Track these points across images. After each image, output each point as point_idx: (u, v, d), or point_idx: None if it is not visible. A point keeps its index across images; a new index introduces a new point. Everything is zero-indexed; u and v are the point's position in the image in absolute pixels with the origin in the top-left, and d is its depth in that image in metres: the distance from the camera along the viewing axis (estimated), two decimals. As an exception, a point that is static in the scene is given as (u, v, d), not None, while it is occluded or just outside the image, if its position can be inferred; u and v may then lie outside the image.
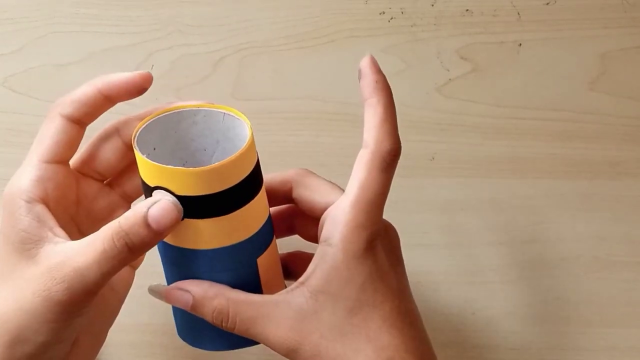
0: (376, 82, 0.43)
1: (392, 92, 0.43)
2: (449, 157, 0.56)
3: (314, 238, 0.46)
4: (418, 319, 0.44)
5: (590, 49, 0.55)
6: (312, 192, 0.45)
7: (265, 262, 0.45)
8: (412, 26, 0.55)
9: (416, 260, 0.56)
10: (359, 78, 0.44)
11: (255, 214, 0.44)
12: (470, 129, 0.56)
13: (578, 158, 0.56)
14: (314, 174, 0.46)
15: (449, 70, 0.55)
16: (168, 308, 0.57)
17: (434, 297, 0.55)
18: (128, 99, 0.44)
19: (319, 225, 0.44)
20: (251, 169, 0.42)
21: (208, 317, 0.43)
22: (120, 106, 0.45)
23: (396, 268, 0.44)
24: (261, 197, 0.43)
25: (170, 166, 0.40)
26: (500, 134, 0.56)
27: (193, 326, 0.46)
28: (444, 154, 0.56)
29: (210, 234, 0.42)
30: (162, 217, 0.40)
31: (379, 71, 0.43)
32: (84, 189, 0.46)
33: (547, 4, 0.54)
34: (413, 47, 0.55)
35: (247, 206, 0.42)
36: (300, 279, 0.42)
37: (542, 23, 0.54)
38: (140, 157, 0.41)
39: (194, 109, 0.44)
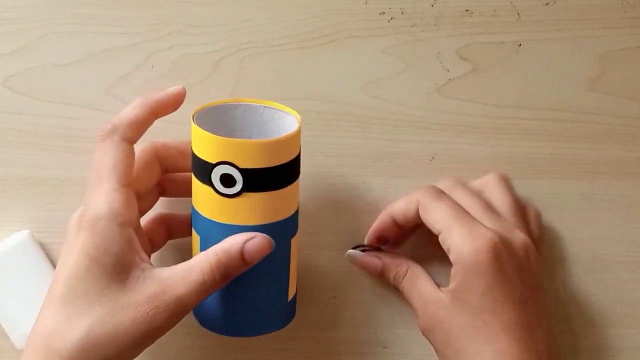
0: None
1: (392, 92, 0.44)
2: (449, 157, 0.56)
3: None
4: (543, 332, 0.48)
5: (590, 49, 0.55)
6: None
7: (295, 244, 0.50)
8: (412, 26, 0.55)
9: (416, 260, 0.56)
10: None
11: (296, 193, 0.49)
12: (470, 129, 0.56)
13: (578, 158, 0.56)
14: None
15: (448, 71, 0.55)
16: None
17: (434, 297, 0.55)
18: (167, 114, 0.49)
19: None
20: (299, 148, 0.48)
21: (391, 278, 0.53)
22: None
23: (523, 281, 0.48)
24: (296, 186, 0.48)
25: (239, 139, 0.45)
26: (500, 134, 0.56)
27: (222, 314, 0.49)
28: (444, 154, 0.56)
29: (264, 209, 0.46)
30: (257, 253, 0.45)
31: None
32: None
33: (547, 4, 0.54)
34: (413, 47, 0.55)
35: (294, 184, 0.48)
36: (452, 284, 0.49)
37: (542, 23, 0.54)
38: (205, 134, 0.45)
39: (234, 103, 0.50)
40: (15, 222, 0.57)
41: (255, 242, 0.45)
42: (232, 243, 0.45)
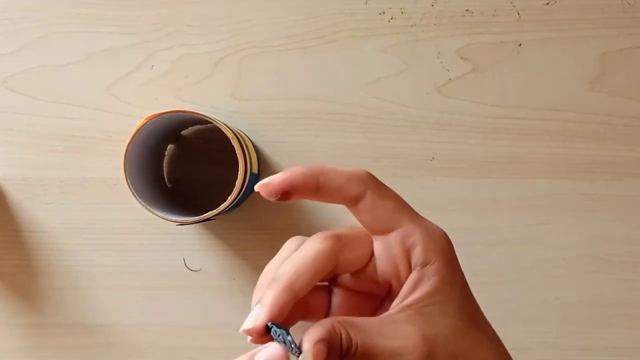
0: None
1: (392, 92, 0.44)
2: (449, 157, 0.56)
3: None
4: None
5: (590, 49, 0.55)
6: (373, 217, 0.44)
7: None
8: (412, 26, 0.55)
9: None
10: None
11: None
12: (470, 129, 0.56)
13: (578, 158, 0.56)
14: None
15: (449, 70, 0.55)
16: (168, 308, 0.57)
17: (434, 297, 0.55)
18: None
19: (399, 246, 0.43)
20: None
21: (337, 355, 0.40)
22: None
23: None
24: None
25: None
26: (500, 134, 0.56)
27: None
28: (444, 154, 0.56)
29: None
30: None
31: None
32: None
33: (547, 4, 0.54)
34: (413, 47, 0.55)
35: None
36: (396, 305, 0.41)
37: (542, 23, 0.54)
38: None
39: None
40: (16, 222, 0.57)
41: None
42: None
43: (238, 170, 0.47)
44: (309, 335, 0.39)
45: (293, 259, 0.40)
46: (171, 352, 0.58)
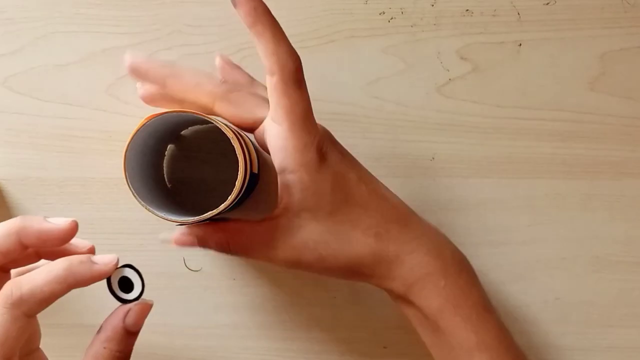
0: (255, 8, 0.44)
1: (392, 92, 0.44)
2: (449, 157, 0.56)
3: None
4: (388, 191, 0.50)
5: (590, 49, 0.55)
6: (237, 107, 0.48)
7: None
8: (412, 26, 0.55)
9: (416, 260, 0.56)
10: (235, 6, 0.45)
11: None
12: (470, 129, 0.56)
13: (578, 158, 0.56)
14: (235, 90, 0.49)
15: (449, 70, 0.55)
16: (168, 308, 0.57)
17: (434, 297, 0.55)
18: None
19: (257, 138, 0.49)
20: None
21: (213, 249, 0.48)
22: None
23: (347, 161, 0.49)
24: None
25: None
26: (500, 134, 0.56)
27: None
28: (444, 154, 0.56)
29: None
30: (140, 319, 0.43)
31: None
32: None
33: (547, 4, 0.54)
34: (413, 47, 0.55)
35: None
36: (280, 207, 0.47)
37: (542, 23, 0.54)
38: None
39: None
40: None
41: (133, 313, 0.42)
42: (113, 327, 0.42)
43: (238, 170, 0.47)
44: (187, 228, 0.48)
45: None
46: (171, 352, 0.58)
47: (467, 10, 0.54)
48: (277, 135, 0.46)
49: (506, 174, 0.56)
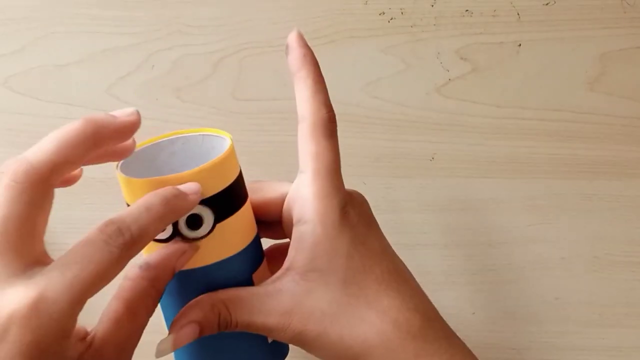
0: (304, 55, 0.43)
1: (392, 92, 0.44)
2: (449, 157, 0.56)
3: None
4: (410, 276, 0.43)
5: (590, 49, 0.55)
6: (263, 192, 0.44)
7: (260, 279, 0.43)
8: (412, 26, 0.55)
9: (416, 260, 0.56)
10: (287, 53, 0.44)
11: (243, 226, 0.42)
12: (470, 129, 0.56)
13: (578, 158, 0.56)
14: (259, 180, 0.46)
15: (448, 71, 0.55)
16: (168, 308, 0.57)
17: (434, 297, 0.55)
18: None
19: (283, 212, 0.43)
20: (236, 169, 0.41)
21: (216, 331, 0.41)
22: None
23: (373, 231, 0.43)
24: (247, 209, 0.42)
25: (155, 177, 0.38)
26: (500, 134, 0.56)
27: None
28: (444, 154, 0.56)
29: (206, 249, 0.40)
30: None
31: (306, 45, 0.43)
32: None
33: (547, 4, 0.54)
34: (413, 47, 0.55)
35: (240, 211, 0.41)
36: (285, 266, 0.41)
37: (542, 23, 0.54)
38: (121, 176, 0.39)
39: (171, 137, 0.43)
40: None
41: (186, 258, 0.40)
42: (165, 267, 0.39)
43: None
44: (180, 317, 0.40)
45: None
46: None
47: (467, 10, 0.54)
48: (299, 184, 0.42)
49: (506, 174, 0.56)
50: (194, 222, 0.39)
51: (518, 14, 0.54)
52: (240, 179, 0.42)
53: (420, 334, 0.40)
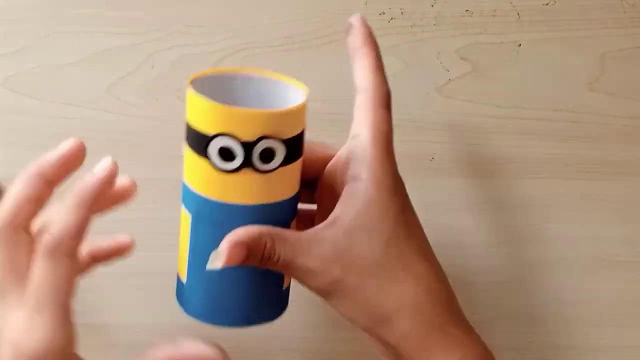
0: (369, 34, 0.46)
1: (392, 92, 0.44)
2: (449, 157, 0.56)
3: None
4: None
5: (590, 49, 0.55)
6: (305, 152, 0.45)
7: (295, 228, 0.45)
8: (412, 26, 0.55)
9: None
10: (347, 32, 0.46)
11: (297, 174, 0.44)
12: (470, 129, 0.56)
13: (578, 158, 0.56)
14: None
15: (448, 71, 0.55)
16: (167, 308, 0.57)
17: (434, 297, 0.56)
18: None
19: (327, 172, 0.46)
20: (304, 123, 0.43)
21: (258, 263, 0.42)
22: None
23: (411, 205, 0.45)
24: (301, 161, 0.44)
25: (242, 108, 0.41)
26: (500, 134, 0.56)
27: (212, 302, 0.46)
28: (444, 154, 0.56)
29: (263, 188, 0.42)
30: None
31: (368, 26, 0.46)
32: None
33: (547, 4, 0.54)
34: (413, 47, 0.55)
35: (296, 163, 0.43)
36: (330, 218, 0.42)
37: (542, 23, 0.54)
38: (204, 102, 0.41)
39: (234, 72, 0.46)
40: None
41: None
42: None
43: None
44: (231, 236, 0.41)
45: None
46: (171, 352, 0.58)
47: (467, 10, 0.54)
48: (354, 145, 0.44)
49: (506, 174, 0.56)
50: (268, 155, 0.41)
51: (518, 14, 0.55)
52: (300, 136, 0.43)
53: (448, 304, 0.43)
